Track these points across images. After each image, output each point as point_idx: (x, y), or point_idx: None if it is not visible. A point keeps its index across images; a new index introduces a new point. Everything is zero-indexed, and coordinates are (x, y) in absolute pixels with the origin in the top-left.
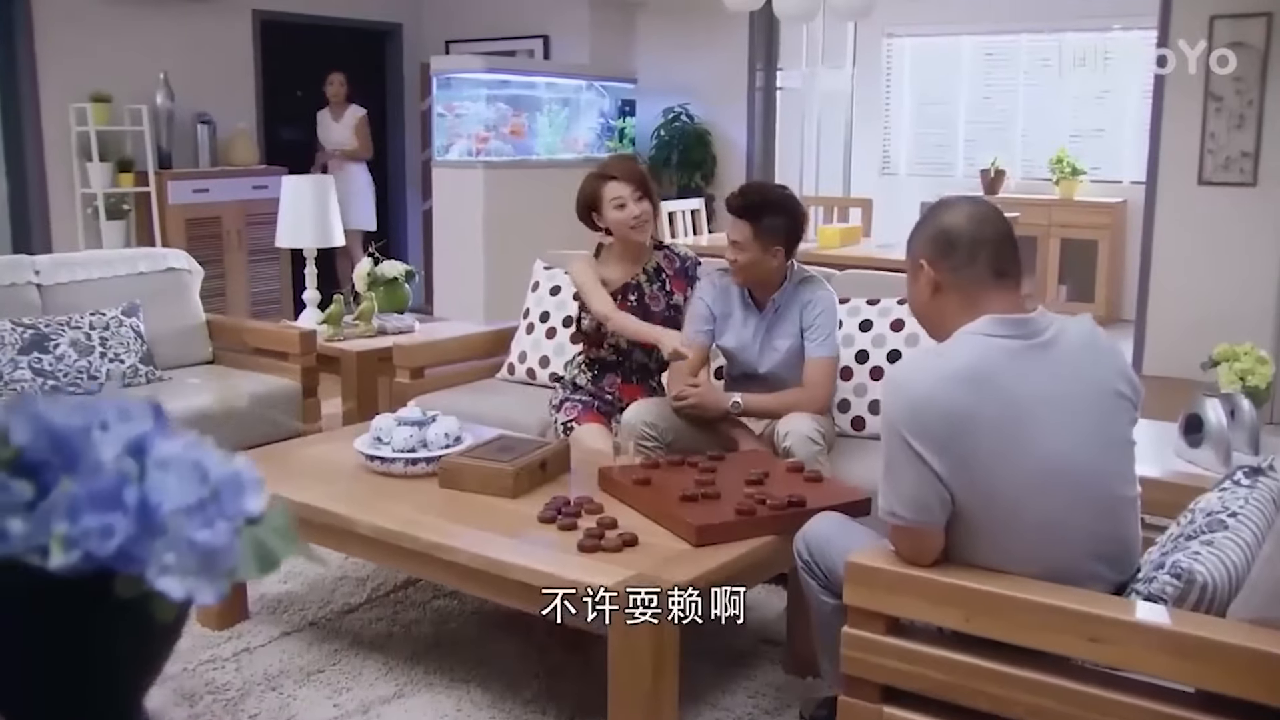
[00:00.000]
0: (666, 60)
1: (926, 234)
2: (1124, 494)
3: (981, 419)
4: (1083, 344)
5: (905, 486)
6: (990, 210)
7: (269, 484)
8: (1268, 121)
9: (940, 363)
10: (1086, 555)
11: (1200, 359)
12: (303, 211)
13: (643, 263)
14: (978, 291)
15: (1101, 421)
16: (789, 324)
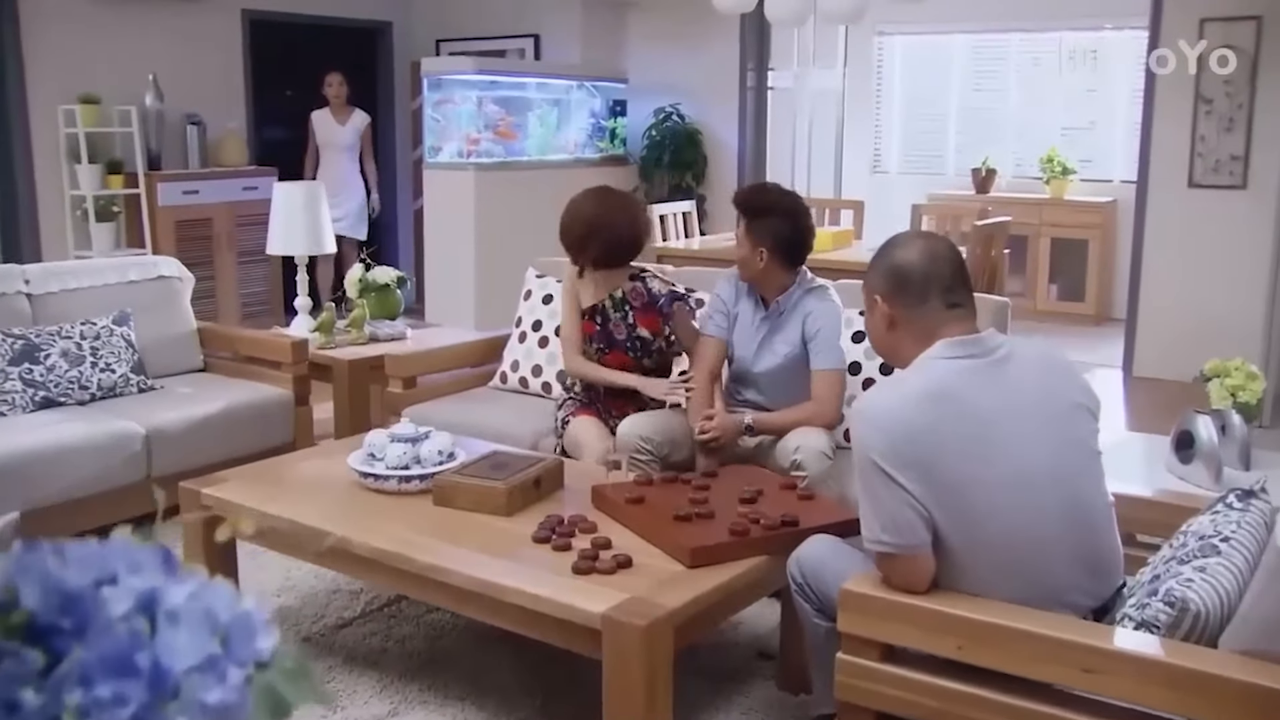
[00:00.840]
0: (657, 60)
1: (880, 271)
2: (1094, 501)
3: (946, 434)
4: (1037, 358)
5: (884, 512)
6: (942, 245)
7: (263, 500)
8: (1257, 125)
9: (901, 388)
10: (1065, 565)
11: (1191, 362)
12: (294, 218)
13: (612, 288)
14: (932, 324)
15: (1063, 429)
16: (790, 331)
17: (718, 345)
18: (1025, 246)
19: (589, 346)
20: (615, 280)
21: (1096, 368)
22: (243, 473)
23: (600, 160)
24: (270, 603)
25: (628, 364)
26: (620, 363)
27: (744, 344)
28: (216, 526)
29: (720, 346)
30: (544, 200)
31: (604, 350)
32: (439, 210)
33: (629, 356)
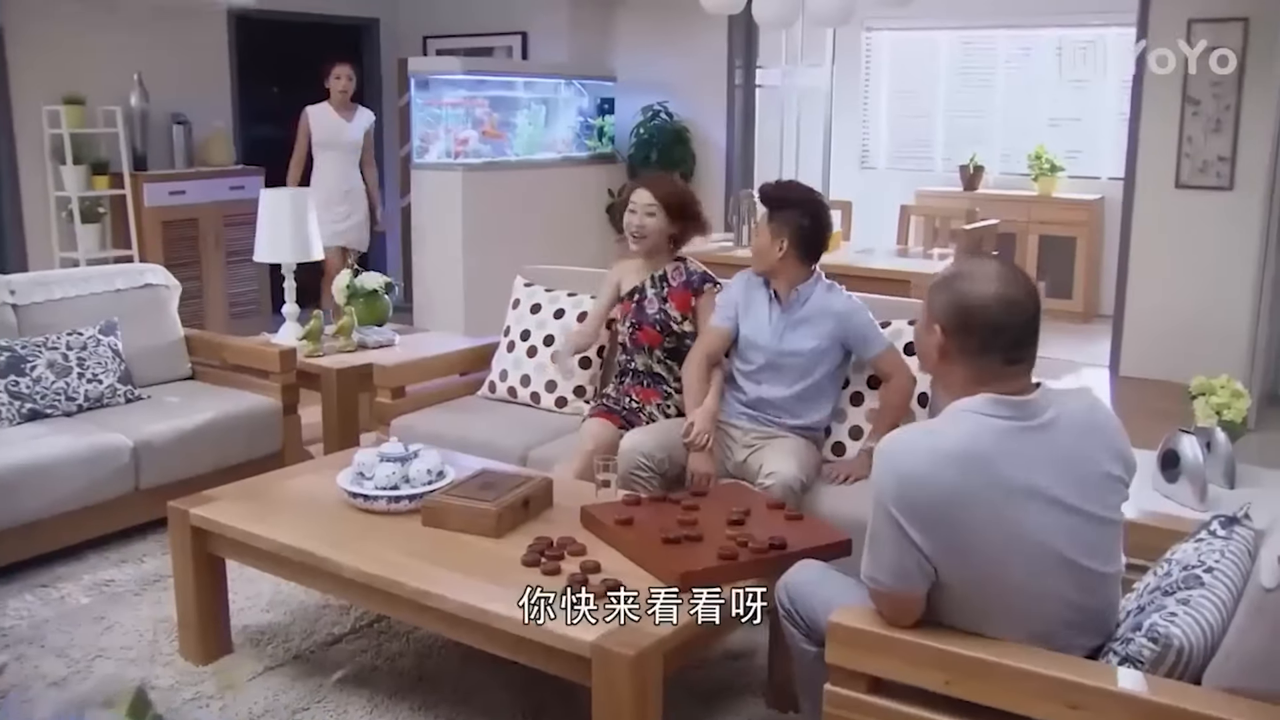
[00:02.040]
0: (645, 57)
1: (949, 299)
2: (1107, 571)
3: (970, 501)
4: (1079, 426)
5: (888, 557)
6: (1019, 292)
7: (251, 521)
8: (1244, 126)
9: (933, 441)
10: (1066, 625)
11: (1177, 363)
12: (281, 225)
13: (652, 270)
14: (986, 373)
15: (1088, 503)
16: (819, 325)
17: (720, 334)
18: (1013, 244)
19: (624, 325)
20: (660, 261)
21: (1084, 367)
22: (231, 491)
23: (589, 159)
24: (260, 618)
25: (655, 340)
26: (649, 339)
27: (761, 333)
28: (205, 542)
29: (723, 336)
30: (533, 200)
31: (636, 327)
32: (427, 211)
33: (657, 332)
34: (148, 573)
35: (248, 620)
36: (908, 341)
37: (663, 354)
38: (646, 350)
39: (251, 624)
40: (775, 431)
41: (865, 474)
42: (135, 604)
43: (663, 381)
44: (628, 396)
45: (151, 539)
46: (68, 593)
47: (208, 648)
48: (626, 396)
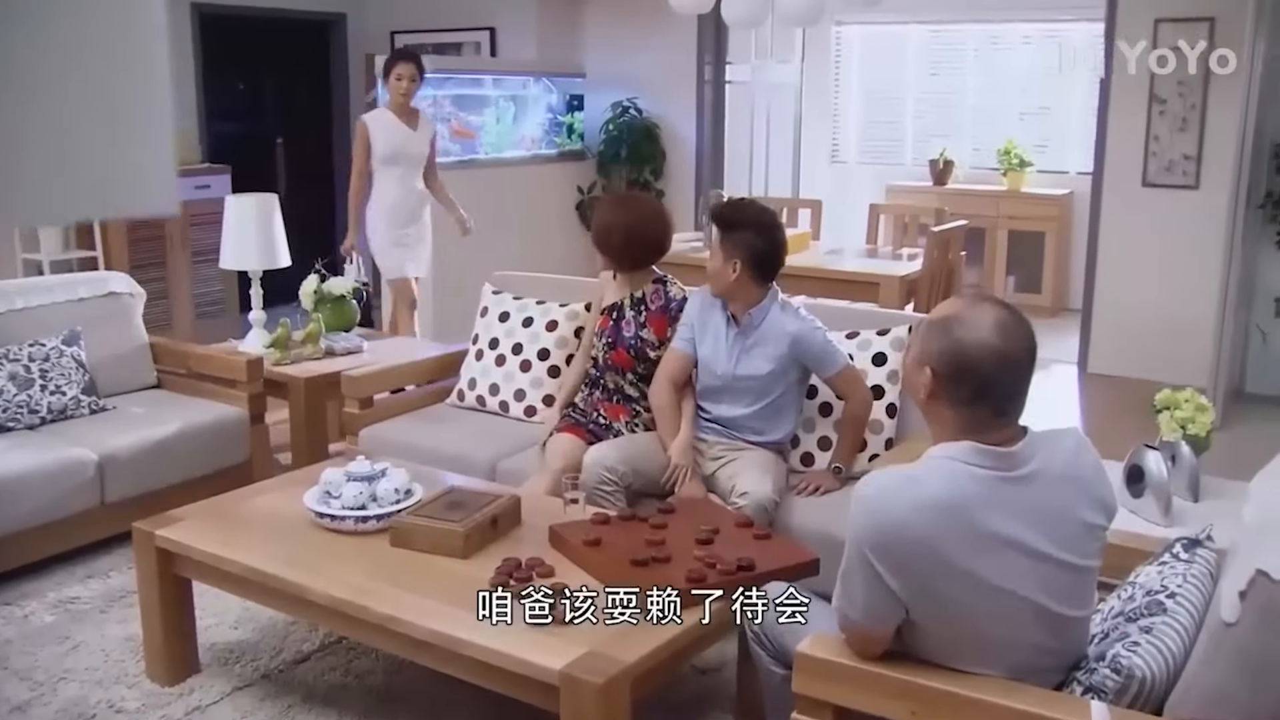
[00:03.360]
0: (615, 53)
1: (945, 346)
2: (1080, 615)
3: (947, 551)
4: (1061, 476)
5: (860, 596)
6: (1017, 347)
7: (218, 544)
8: (1210, 125)
9: (914, 490)
10: (1035, 665)
11: (1144, 360)
12: (247, 231)
13: (634, 289)
14: (973, 423)
15: (1069, 556)
16: (773, 346)
17: (680, 358)
18: (983, 238)
19: (599, 341)
20: (640, 280)
21: (1053, 363)
22: (196, 511)
23: (558, 156)
24: (228, 636)
25: (627, 364)
26: (621, 361)
27: (717, 356)
28: (171, 563)
29: (683, 359)
30: (502, 199)
31: (610, 347)
32: None
33: (629, 356)
34: (114, 589)
35: (215, 638)
36: (876, 352)
37: (635, 378)
38: (618, 371)
39: (219, 641)
40: (742, 444)
41: (834, 486)
42: (101, 622)
43: (633, 401)
44: (596, 411)
45: (118, 553)
46: (32, 611)
47: (174, 669)
48: (595, 411)
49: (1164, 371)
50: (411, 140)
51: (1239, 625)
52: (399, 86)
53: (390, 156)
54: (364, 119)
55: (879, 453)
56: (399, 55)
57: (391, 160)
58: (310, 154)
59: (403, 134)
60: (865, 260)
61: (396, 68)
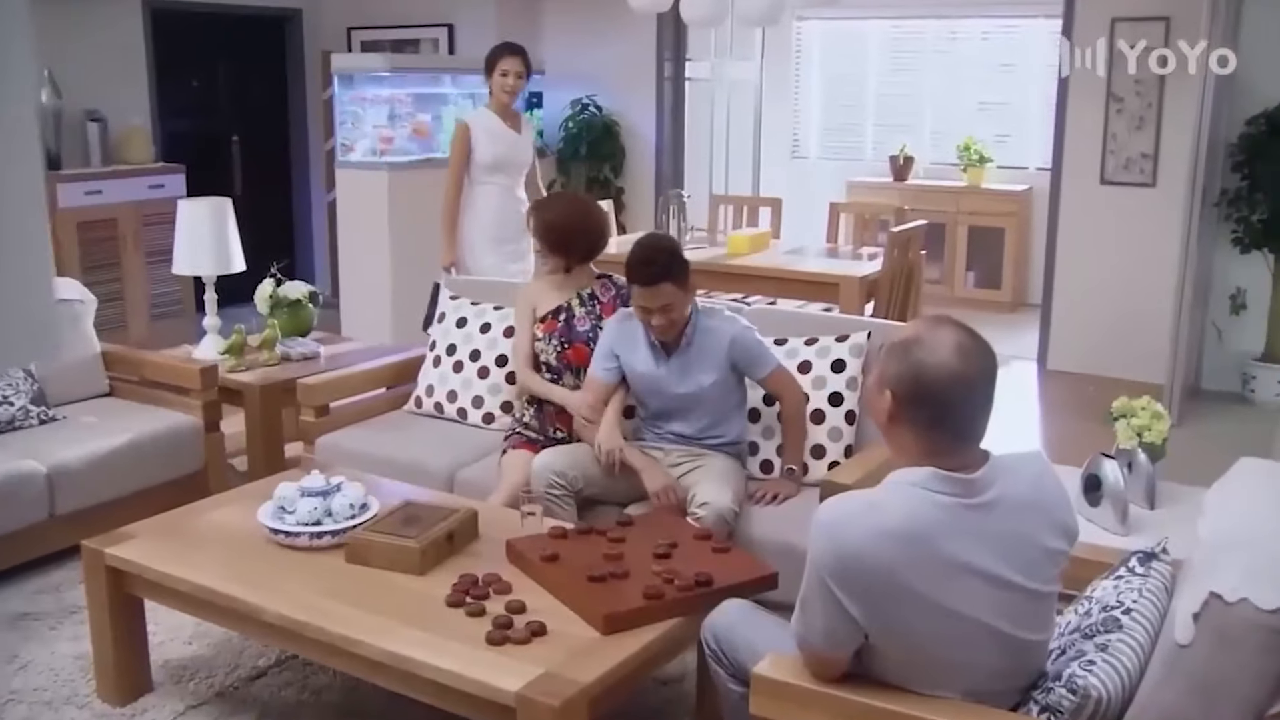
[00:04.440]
0: (574, 50)
1: (904, 369)
2: (1039, 639)
3: (908, 578)
4: (1023, 503)
5: (819, 622)
6: (977, 369)
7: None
8: (1166, 124)
9: (875, 517)
10: (994, 689)
11: (1103, 357)
12: (200, 236)
13: (578, 288)
14: (934, 446)
15: (1029, 582)
16: (709, 358)
17: (604, 387)
18: (943, 234)
19: (548, 345)
20: (580, 280)
21: (1012, 360)
22: (148, 528)
23: None
24: (182, 652)
25: (587, 358)
26: (580, 356)
27: (656, 382)
28: (121, 581)
29: (609, 388)
30: None
31: (565, 345)
32: (352, 212)
33: (589, 348)
34: (65, 604)
35: (169, 654)
36: (835, 358)
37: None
38: (574, 370)
39: (173, 658)
40: (700, 450)
41: (794, 491)
42: (51, 640)
43: None
44: (552, 426)
45: (69, 567)
46: None
47: (126, 688)
48: (551, 426)
49: (1122, 368)
50: (516, 145)
51: (1192, 647)
52: (504, 84)
53: (493, 164)
54: (465, 119)
55: (839, 460)
56: (504, 49)
57: (495, 168)
58: (267, 152)
59: (508, 139)
60: (825, 260)
61: (502, 62)
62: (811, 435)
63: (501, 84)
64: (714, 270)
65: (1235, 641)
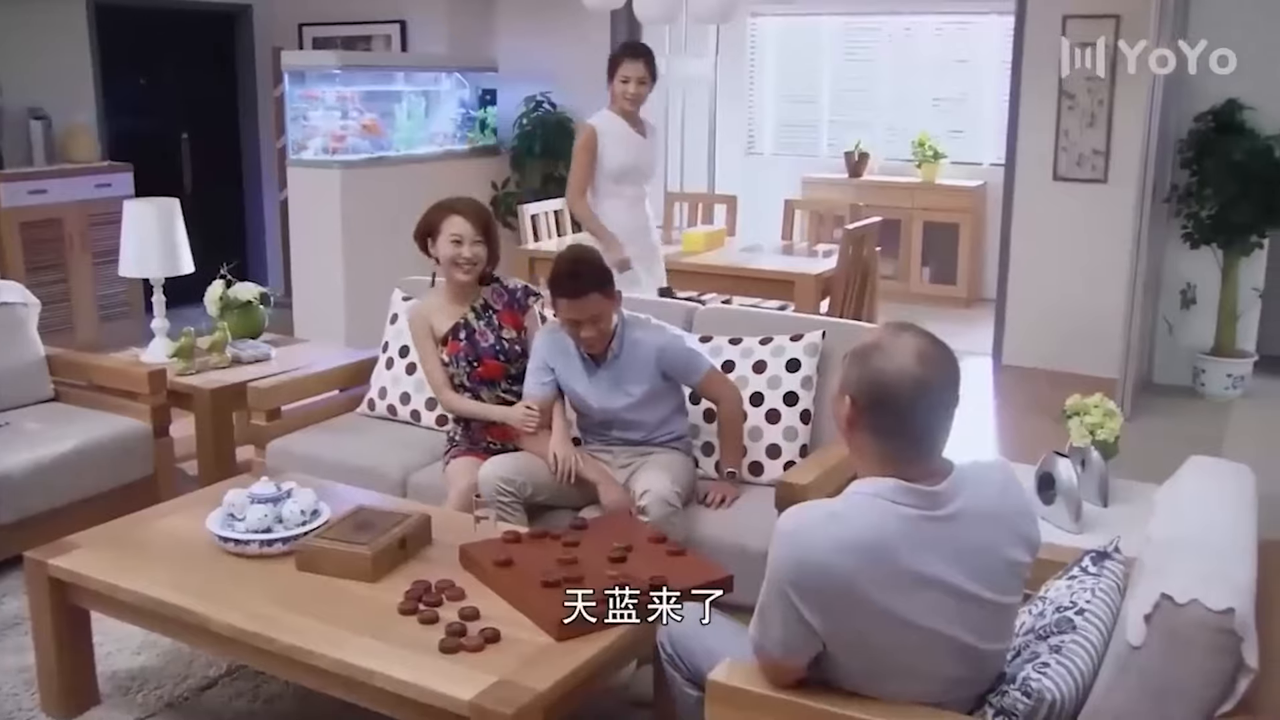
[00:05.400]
0: (528, 47)
1: (864, 374)
2: (999, 648)
3: (869, 590)
4: (986, 515)
5: (777, 630)
6: (937, 375)
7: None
8: (1117, 121)
9: (836, 528)
10: (951, 695)
11: (1057, 352)
12: (148, 237)
13: (470, 301)
14: (895, 454)
15: (991, 594)
16: (640, 370)
17: (544, 402)
18: (898, 230)
19: (458, 367)
20: (469, 293)
21: (968, 355)
22: (93, 538)
23: (470, 152)
24: (130, 663)
25: (499, 371)
26: (492, 372)
27: (590, 397)
28: (66, 593)
29: (549, 403)
30: (414, 196)
31: (474, 364)
32: (304, 211)
33: (499, 362)
34: (8, 615)
35: (116, 665)
36: (790, 358)
37: (508, 383)
38: (490, 384)
39: (121, 669)
40: (647, 449)
41: (738, 493)
42: None
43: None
44: (486, 438)
45: (12, 577)
46: None
47: (72, 701)
48: (484, 439)
49: (1076, 362)
50: (644, 152)
51: (1144, 649)
52: (625, 91)
53: (621, 172)
54: (592, 123)
55: (795, 460)
56: (626, 52)
57: (622, 177)
58: (217, 150)
59: (635, 144)
60: (781, 258)
61: (624, 67)
62: (767, 435)
63: (623, 91)
64: (669, 268)
65: (1186, 642)
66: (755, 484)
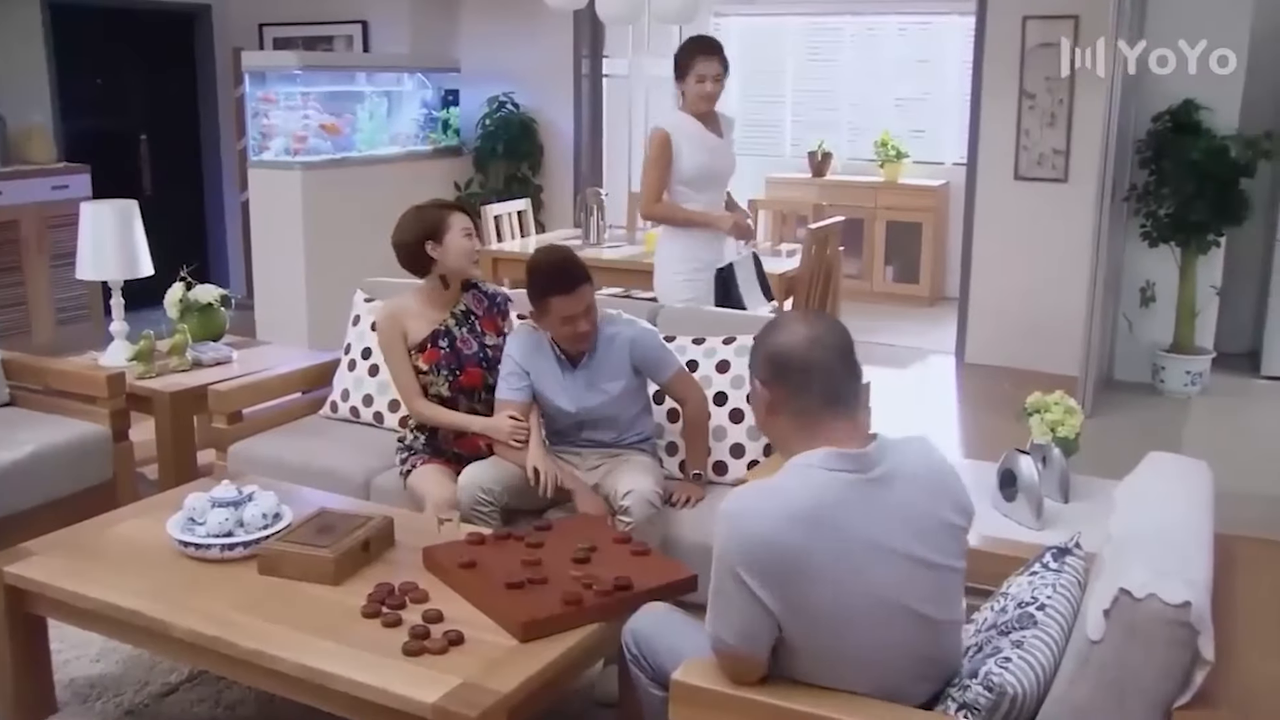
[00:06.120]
0: (490, 47)
1: (761, 354)
2: (951, 618)
3: (817, 559)
4: (918, 477)
5: (734, 617)
6: (825, 332)
7: (74, 579)
8: (1077, 121)
9: (778, 502)
10: (910, 676)
11: (1019, 350)
12: (105, 240)
13: (450, 307)
14: (814, 416)
15: (929, 552)
16: (614, 366)
17: (521, 409)
18: (861, 230)
19: (436, 376)
20: (450, 298)
21: (930, 354)
22: (50, 544)
23: (433, 153)
24: (89, 670)
25: (480, 379)
26: (474, 380)
27: (565, 399)
28: (22, 600)
29: (524, 408)
30: (377, 198)
31: (456, 372)
32: (266, 213)
33: (482, 369)
34: None
35: (75, 672)
36: (720, 359)
37: (485, 393)
38: (471, 393)
39: (79, 676)
40: (617, 450)
41: (703, 494)
42: None
43: None
44: (454, 448)
45: None
46: None
47: (28, 711)
48: (452, 448)
49: (1038, 360)
50: (719, 153)
51: (1103, 643)
52: (701, 90)
53: (697, 176)
54: (665, 126)
55: (758, 459)
56: (698, 48)
57: (699, 182)
58: (177, 151)
59: (710, 145)
60: None
61: (698, 65)
62: (730, 434)
63: (699, 91)
64: (632, 268)
65: (1144, 636)
66: (720, 484)
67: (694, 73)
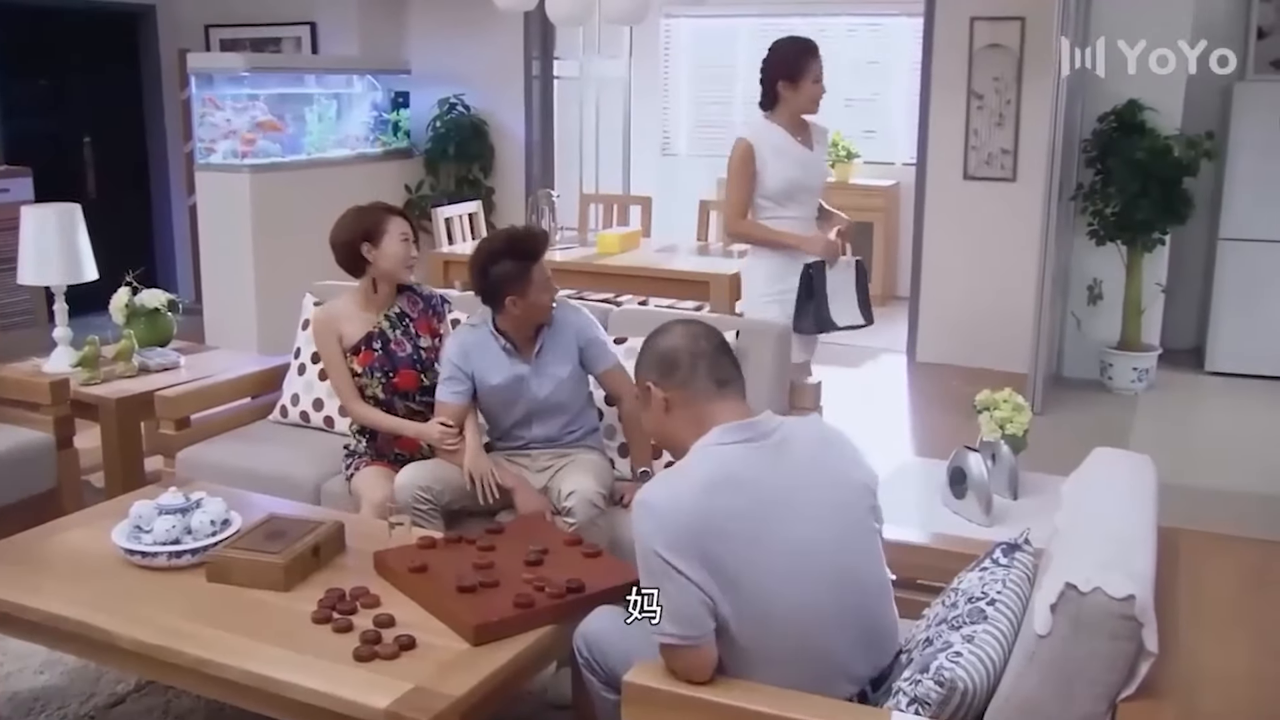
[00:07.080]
0: (440, 49)
1: (649, 359)
2: (873, 578)
3: (728, 521)
4: (814, 439)
5: (669, 603)
6: (701, 326)
7: (18, 591)
8: (1024, 121)
9: (682, 477)
10: (845, 641)
11: (969, 349)
12: (48, 244)
13: (384, 309)
14: (704, 404)
15: (843, 509)
16: (562, 351)
17: (458, 410)
18: None
19: (370, 379)
20: (382, 301)
21: (882, 353)
22: None
23: (383, 155)
24: (32, 683)
25: (414, 382)
26: (408, 382)
27: (513, 391)
28: None
29: (462, 411)
30: (326, 201)
31: (390, 374)
32: (214, 216)
33: (415, 372)
34: None
35: (17, 685)
36: None
37: (421, 395)
38: (404, 395)
39: (22, 690)
40: (564, 450)
41: None
42: None
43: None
44: (394, 449)
45: None
46: None
47: None
48: (392, 450)
49: (988, 358)
50: (810, 165)
51: (1050, 637)
52: (814, 93)
53: (785, 190)
54: (747, 136)
55: None
56: (810, 49)
57: (786, 196)
58: (122, 154)
59: (799, 157)
60: (696, 258)
61: (813, 66)
62: None
63: (814, 93)
64: (584, 270)
65: (1090, 629)
66: None
67: (809, 74)
